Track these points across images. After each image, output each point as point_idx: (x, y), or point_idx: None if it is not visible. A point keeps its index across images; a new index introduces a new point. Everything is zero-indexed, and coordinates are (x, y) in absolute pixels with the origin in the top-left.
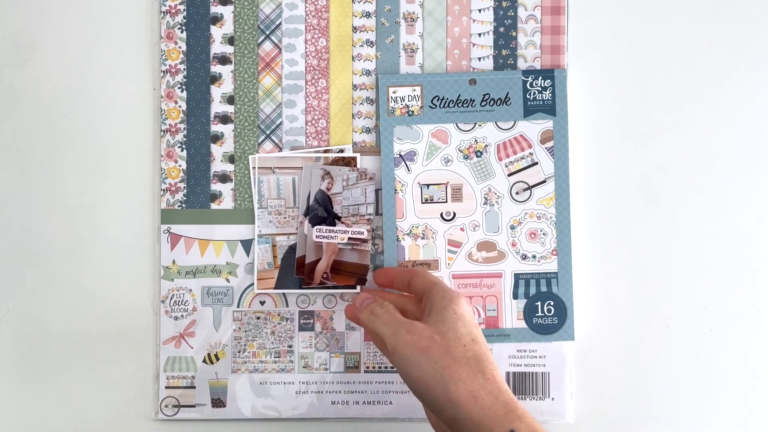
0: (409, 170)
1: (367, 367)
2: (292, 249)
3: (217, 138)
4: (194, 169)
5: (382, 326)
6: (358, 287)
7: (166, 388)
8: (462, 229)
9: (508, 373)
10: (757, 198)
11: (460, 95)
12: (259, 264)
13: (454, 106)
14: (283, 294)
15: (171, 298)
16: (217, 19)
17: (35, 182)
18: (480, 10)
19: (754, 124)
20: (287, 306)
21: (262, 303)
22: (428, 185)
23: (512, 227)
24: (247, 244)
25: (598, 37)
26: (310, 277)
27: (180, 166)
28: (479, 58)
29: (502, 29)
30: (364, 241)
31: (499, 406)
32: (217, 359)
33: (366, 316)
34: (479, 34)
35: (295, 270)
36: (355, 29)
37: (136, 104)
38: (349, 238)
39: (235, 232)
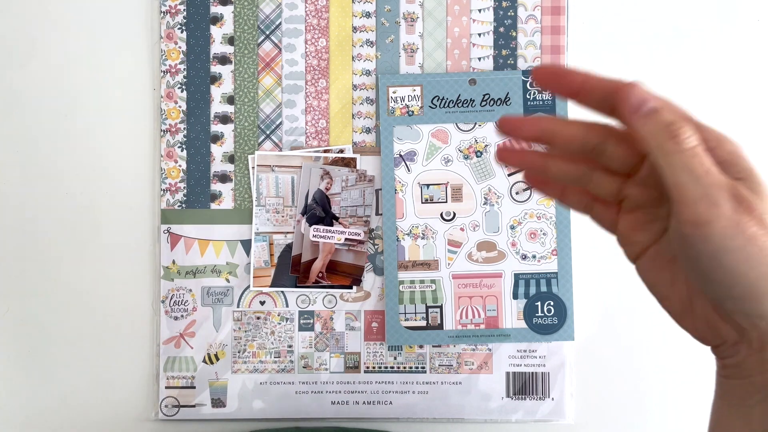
0: (409, 170)
1: (367, 367)
2: (289, 247)
3: (217, 138)
4: (194, 169)
5: (687, 175)
6: (354, 287)
7: (166, 388)
8: (462, 229)
9: (508, 373)
10: None
11: (460, 95)
12: (255, 262)
13: (454, 106)
14: (283, 294)
15: (171, 298)
16: (217, 19)
17: (35, 182)
18: (480, 10)
19: (753, 123)
20: (287, 306)
21: (262, 303)
22: (428, 185)
23: (512, 227)
24: (246, 244)
25: (598, 37)
26: (306, 276)
27: (180, 166)
28: (479, 58)
29: (502, 29)
30: (361, 242)
31: None
32: (217, 359)
33: (658, 131)
34: (479, 34)
35: (291, 268)
36: (355, 29)
37: (136, 104)
38: (346, 239)
39: (235, 232)
